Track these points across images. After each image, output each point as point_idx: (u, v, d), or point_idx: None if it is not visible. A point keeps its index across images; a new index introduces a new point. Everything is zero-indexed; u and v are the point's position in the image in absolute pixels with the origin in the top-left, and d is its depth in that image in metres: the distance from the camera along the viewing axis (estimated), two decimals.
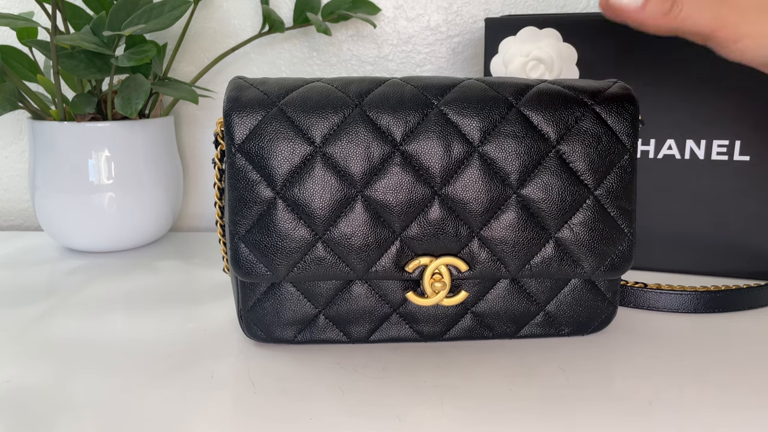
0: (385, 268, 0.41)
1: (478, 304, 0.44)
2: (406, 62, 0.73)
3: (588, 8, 0.70)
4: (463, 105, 0.41)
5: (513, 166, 0.41)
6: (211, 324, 0.48)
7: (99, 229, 0.64)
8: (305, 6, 0.69)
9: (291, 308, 0.43)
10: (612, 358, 0.42)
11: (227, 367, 0.41)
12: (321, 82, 0.42)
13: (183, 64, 0.75)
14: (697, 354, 0.43)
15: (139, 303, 0.53)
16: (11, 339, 0.46)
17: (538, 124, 0.41)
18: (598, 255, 0.42)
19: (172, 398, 0.38)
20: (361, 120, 0.40)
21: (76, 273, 0.61)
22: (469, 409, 0.36)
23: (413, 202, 0.40)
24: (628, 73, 0.55)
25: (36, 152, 0.64)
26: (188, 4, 0.59)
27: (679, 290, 0.50)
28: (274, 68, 0.74)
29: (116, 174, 0.63)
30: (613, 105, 0.42)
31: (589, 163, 0.41)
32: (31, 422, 0.35)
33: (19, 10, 0.75)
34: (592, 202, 0.41)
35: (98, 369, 0.41)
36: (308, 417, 0.35)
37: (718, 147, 0.55)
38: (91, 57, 0.59)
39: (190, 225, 0.80)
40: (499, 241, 0.41)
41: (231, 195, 0.40)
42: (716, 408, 0.36)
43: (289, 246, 0.40)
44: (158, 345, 0.45)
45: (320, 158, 0.40)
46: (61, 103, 0.62)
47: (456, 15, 0.72)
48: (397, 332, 0.44)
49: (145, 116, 0.68)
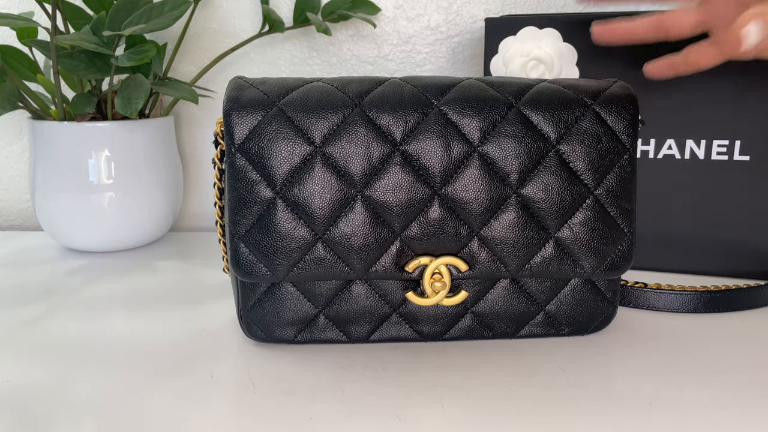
0: (385, 268, 0.41)
1: (478, 304, 0.44)
2: (406, 62, 0.73)
3: (588, 8, 0.70)
4: (462, 105, 0.41)
5: (513, 165, 0.41)
6: (211, 324, 0.48)
7: (99, 229, 0.64)
8: (305, 6, 0.69)
9: (291, 308, 0.43)
10: (612, 358, 0.42)
11: (227, 367, 0.41)
12: (321, 82, 0.42)
13: (183, 64, 0.75)
14: (697, 354, 0.43)
15: (139, 303, 0.53)
16: (11, 339, 0.46)
17: (537, 123, 0.41)
18: (598, 255, 0.42)
19: (172, 398, 0.38)
20: (361, 120, 0.40)
21: (76, 273, 0.61)
22: (469, 409, 0.36)
23: (413, 201, 0.40)
24: (628, 72, 0.55)
25: (36, 152, 0.64)
26: (188, 4, 0.59)
27: (679, 290, 0.50)
28: (274, 68, 0.74)
29: (116, 174, 0.63)
30: (613, 105, 0.42)
31: (588, 162, 0.41)
32: (31, 422, 0.35)
33: (19, 10, 0.75)
34: (591, 202, 0.41)
35: (98, 369, 0.41)
36: (308, 417, 0.35)
37: (718, 147, 0.55)
38: (91, 57, 0.59)
39: (190, 225, 0.80)
40: (499, 240, 0.41)
41: (231, 195, 0.40)
42: (716, 408, 0.36)
43: (289, 246, 0.40)
44: (158, 345, 0.45)
45: (320, 158, 0.40)
46: (61, 103, 0.62)
47: (456, 15, 0.72)
48: (397, 332, 0.44)
49: (145, 116, 0.68)
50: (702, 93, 0.54)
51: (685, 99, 0.55)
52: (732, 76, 0.53)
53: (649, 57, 0.52)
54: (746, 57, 0.42)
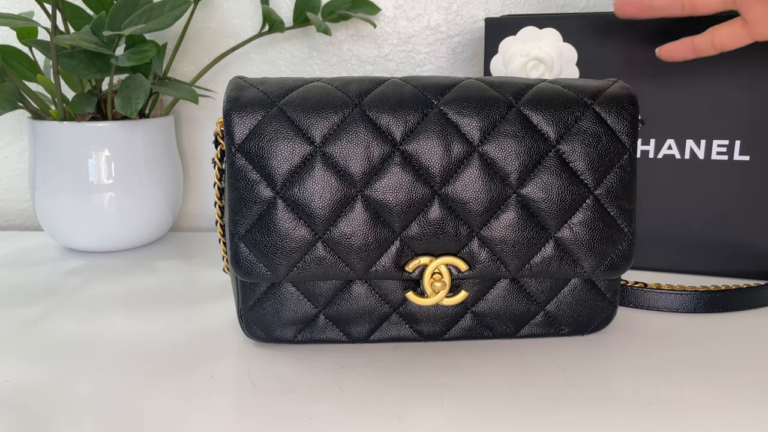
0: (385, 267, 0.41)
1: (478, 304, 0.44)
2: (406, 62, 0.73)
3: (588, 8, 0.70)
4: (462, 105, 0.41)
5: (513, 165, 0.41)
6: (211, 324, 0.48)
7: (99, 229, 0.64)
8: (305, 6, 0.69)
9: (291, 308, 0.43)
10: (612, 358, 0.42)
11: (227, 367, 0.41)
12: (321, 82, 0.42)
13: (183, 64, 0.75)
14: (697, 354, 0.43)
15: (139, 303, 0.53)
16: (11, 339, 0.46)
17: (537, 123, 0.41)
18: (597, 254, 0.42)
19: (172, 398, 0.38)
20: (361, 120, 0.40)
21: (76, 273, 0.61)
22: (469, 409, 0.36)
23: (413, 201, 0.40)
24: (628, 72, 0.55)
25: (36, 152, 0.64)
26: (188, 4, 0.59)
27: (679, 290, 0.50)
28: (274, 68, 0.74)
29: (116, 174, 0.63)
30: (613, 104, 0.42)
31: (588, 162, 0.41)
32: (31, 422, 0.35)
33: (19, 10, 0.75)
34: (591, 202, 0.41)
35: (98, 369, 0.41)
36: (308, 417, 0.35)
37: (718, 147, 0.55)
38: (91, 57, 0.59)
39: (190, 225, 0.80)
40: (499, 240, 0.41)
41: (231, 195, 0.40)
42: (716, 408, 0.36)
43: (289, 246, 0.40)
44: (158, 345, 0.45)
45: (320, 158, 0.40)
46: (61, 103, 0.62)
47: (456, 15, 0.72)
48: (397, 332, 0.44)
49: (145, 116, 0.68)
50: (702, 93, 0.54)
51: (686, 99, 0.55)
52: (732, 76, 0.53)
53: (655, 44, 0.51)
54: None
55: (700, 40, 0.48)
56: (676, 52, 0.49)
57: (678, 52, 0.49)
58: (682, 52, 0.48)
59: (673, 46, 0.49)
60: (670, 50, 0.49)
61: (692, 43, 0.48)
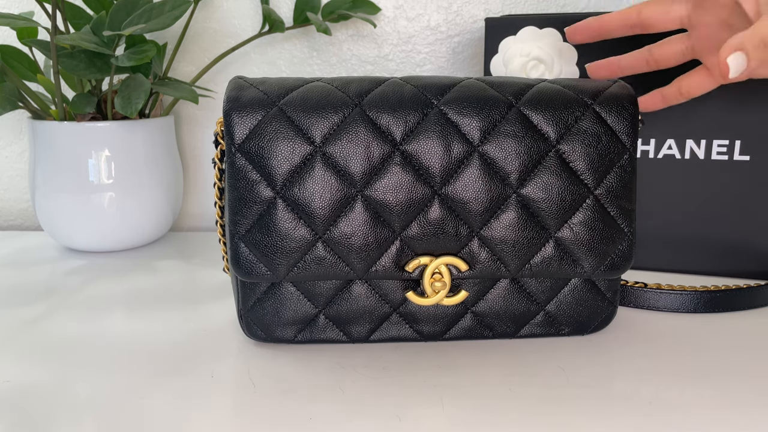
0: (385, 267, 0.41)
1: (478, 304, 0.44)
2: (406, 62, 0.73)
3: (588, 8, 0.70)
4: (462, 105, 0.41)
5: (513, 165, 0.41)
6: (211, 324, 0.48)
7: (99, 229, 0.64)
8: (305, 6, 0.69)
9: (291, 308, 0.43)
10: (612, 358, 0.42)
11: (227, 367, 0.41)
12: (321, 82, 0.42)
13: (183, 64, 0.75)
14: (697, 354, 0.43)
15: (139, 303, 0.53)
16: (11, 339, 0.46)
17: (537, 123, 0.41)
18: (598, 254, 0.42)
19: (172, 398, 0.38)
20: (361, 120, 0.40)
21: (76, 273, 0.61)
22: (469, 409, 0.36)
23: (413, 201, 0.40)
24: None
25: (36, 152, 0.64)
26: (188, 4, 0.59)
27: (679, 290, 0.50)
28: (274, 68, 0.74)
29: (116, 174, 0.63)
30: (613, 104, 0.42)
31: (588, 162, 0.41)
32: (31, 422, 0.35)
33: (19, 10, 0.75)
34: (592, 202, 0.41)
35: (98, 369, 0.41)
36: (308, 417, 0.35)
37: (718, 147, 0.55)
38: (91, 57, 0.59)
39: (190, 225, 0.80)
40: (499, 240, 0.41)
41: (231, 195, 0.40)
42: (716, 408, 0.36)
43: (289, 246, 0.40)
44: (158, 345, 0.45)
45: (320, 158, 0.40)
46: (61, 103, 0.62)
47: (456, 15, 0.72)
48: (397, 332, 0.44)
49: (145, 116, 0.68)
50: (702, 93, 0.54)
51: None
52: None
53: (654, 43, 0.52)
54: (740, 79, 0.42)
55: (668, 91, 0.50)
56: (646, 104, 0.51)
57: (648, 104, 0.51)
58: (652, 105, 0.51)
59: (643, 100, 0.51)
60: (646, 102, 0.51)
61: (661, 94, 0.50)
